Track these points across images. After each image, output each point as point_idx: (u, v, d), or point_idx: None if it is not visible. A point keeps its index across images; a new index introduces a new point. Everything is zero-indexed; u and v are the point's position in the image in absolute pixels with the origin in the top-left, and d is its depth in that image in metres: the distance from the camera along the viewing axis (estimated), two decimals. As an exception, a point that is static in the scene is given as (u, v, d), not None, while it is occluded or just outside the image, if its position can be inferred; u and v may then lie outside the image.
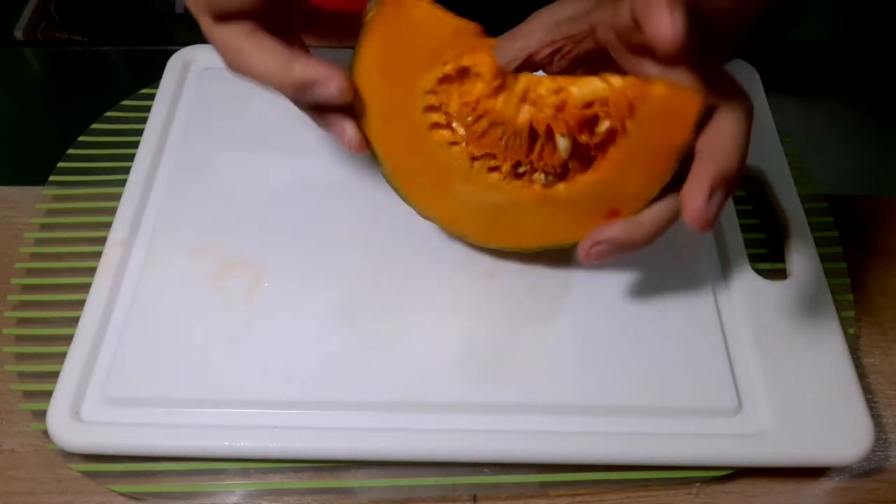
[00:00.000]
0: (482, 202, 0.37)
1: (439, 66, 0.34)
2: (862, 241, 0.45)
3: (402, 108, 0.35)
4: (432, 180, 0.37)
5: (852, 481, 0.37)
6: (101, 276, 0.41)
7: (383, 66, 0.35)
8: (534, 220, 0.37)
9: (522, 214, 0.37)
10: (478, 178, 0.36)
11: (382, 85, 0.35)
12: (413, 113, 0.35)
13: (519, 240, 0.38)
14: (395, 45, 0.34)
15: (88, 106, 0.51)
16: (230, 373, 0.37)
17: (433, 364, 0.37)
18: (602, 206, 0.35)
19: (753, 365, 0.38)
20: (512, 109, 0.34)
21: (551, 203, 0.36)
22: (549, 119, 0.34)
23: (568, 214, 0.36)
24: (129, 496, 0.36)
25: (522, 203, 0.36)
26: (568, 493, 0.36)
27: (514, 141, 0.35)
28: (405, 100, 0.35)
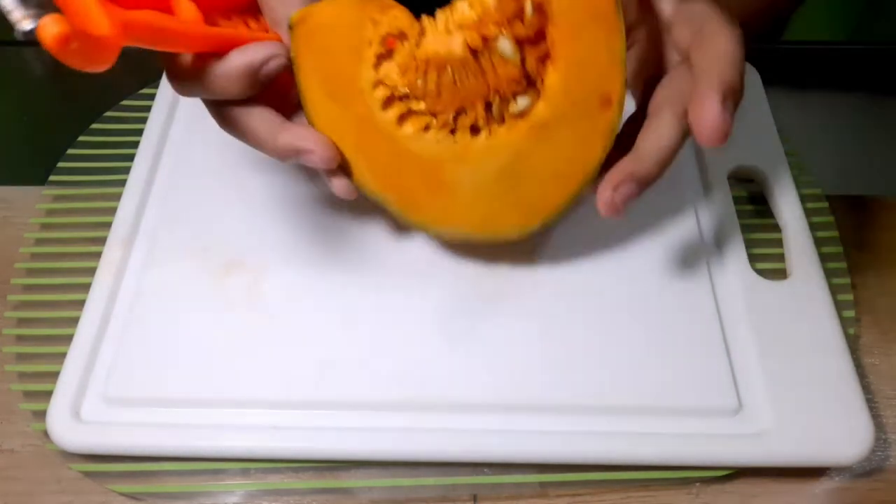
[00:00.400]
0: (488, 176, 0.35)
1: (367, 51, 0.34)
2: (862, 241, 0.45)
3: (365, 120, 0.34)
4: (433, 189, 0.36)
5: (852, 481, 0.37)
6: (101, 276, 0.41)
7: (327, 88, 0.34)
8: (546, 162, 0.35)
9: (532, 163, 0.35)
10: (468, 150, 0.35)
11: (338, 109, 0.34)
12: (377, 118, 0.34)
13: (549, 197, 0.36)
14: (323, 62, 0.34)
15: (88, 106, 0.51)
16: (230, 373, 0.37)
17: (433, 364, 0.37)
18: (591, 98, 0.33)
19: (753, 365, 0.38)
20: (444, 44, 0.33)
21: (548, 128, 0.34)
22: (477, 31, 0.33)
23: (571, 129, 0.34)
24: (129, 496, 0.36)
25: (522, 149, 0.34)
26: (568, 493, 0.36)
27: (468, 76, 0.33)
28: (363, 109, 0.34)
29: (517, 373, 0.37)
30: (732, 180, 0.45)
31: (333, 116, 0.34)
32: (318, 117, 0.34)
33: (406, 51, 0.34)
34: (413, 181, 0.36)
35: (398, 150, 0.35)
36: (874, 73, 0.57)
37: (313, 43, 0.33)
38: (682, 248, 0.42)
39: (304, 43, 0.33)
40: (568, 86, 0.33)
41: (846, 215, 0.45)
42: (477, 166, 0.35)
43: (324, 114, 0.34)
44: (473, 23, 0.33)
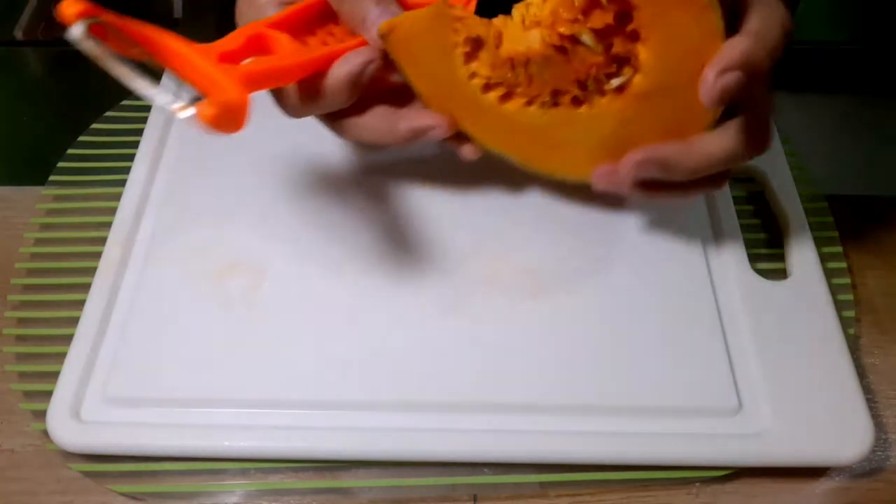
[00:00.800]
0: (597, 138, 0.36)
1: (455, 51, 0.35)
2: (862, 241, 0.45)
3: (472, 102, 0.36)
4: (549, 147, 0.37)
5: (852, 481, 0.37)
6: (101, 276, 0.41)
7: (431, 85, 0.36)
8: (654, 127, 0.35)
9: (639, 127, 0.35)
10: (574, 117, 0.36)
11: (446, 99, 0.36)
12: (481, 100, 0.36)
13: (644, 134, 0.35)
14: (420, 65, 0.36)
15: (88, 106, 0.51)
16: (230, 373, 0.37)
17: (433, 364, 0.37)
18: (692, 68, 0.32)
19: (753, 365, 0.38)
20: (522, 43, 0.34)
21: (650, 98, 0.34)
22: (551, 29, 0.33)
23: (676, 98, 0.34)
24: (129, 496, 0.36)
25: (627, 116, 0.35)
26: (568, 493, 0.36)
27: (554, 66, 0.34)
28: (468, 94, 0.36)
29: (517, 373, 0.37)
30: (732, 180, 0.45)
31: (445, 101, 0.36)
32: (434, 104, 0.36)
33: (489, 52, 0.35)
34: (529, 143, 0.37)
35: (509, 122, 0.37)
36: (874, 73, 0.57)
37: (406, 48, 0.35)
38: (682, 248, 0.42)
39: (399, 48, 0.35)
40: (664, 60, 0.33)
41: (846, 215, 0.45)
42: (586, 129, 0.36)
43: (437, 101, 0.36)
44: (547, 19, 0.33)
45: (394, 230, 0.42)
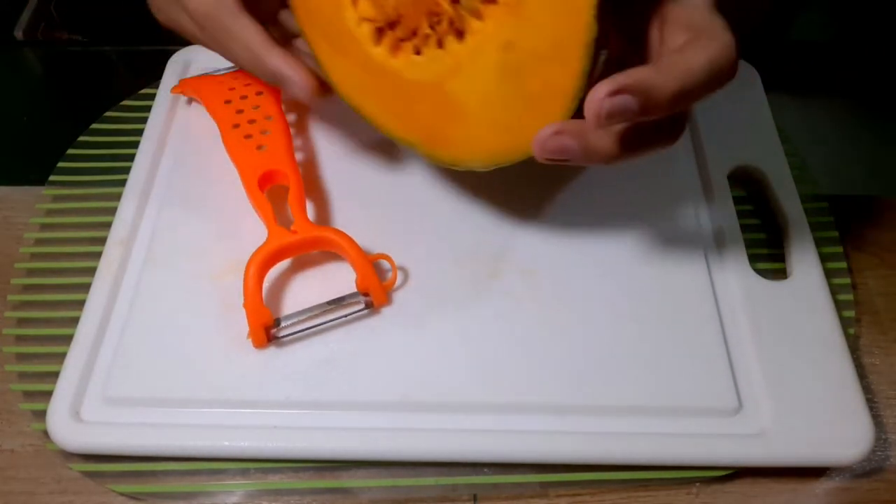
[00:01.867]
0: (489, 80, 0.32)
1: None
2: (862, 241, 0.45)
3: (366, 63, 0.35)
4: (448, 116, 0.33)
5: (852, 481, 0.37)
6: (101, 276, 0.41)
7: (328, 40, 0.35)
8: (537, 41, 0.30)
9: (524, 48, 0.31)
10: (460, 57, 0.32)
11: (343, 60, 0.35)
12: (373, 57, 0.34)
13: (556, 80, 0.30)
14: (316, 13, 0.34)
15: (88, 106, 0.51)
16: (230, 373, 0.37)
17: (433, 364, 0.37)
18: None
19: (753, 365, 0.38)
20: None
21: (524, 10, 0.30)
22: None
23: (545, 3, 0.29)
24: (129, 496, 0.36)
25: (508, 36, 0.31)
26: (568, 493, 0.36)
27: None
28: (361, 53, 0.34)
29: (517, 373, 0.37)
30: (732, 180, 0.45)
31: (342, 69, 0.35)
32: (334, 76, 0.35)
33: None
34: (427, 115, 0.34)
35: (401, 85, 0.34)
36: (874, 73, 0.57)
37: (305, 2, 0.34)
38: (681, 248, 0.42)
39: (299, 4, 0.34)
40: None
41: (846, 215, 0.45)
42: (474, 71, 0.32)
43: (336, 71, 0.35)
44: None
45: (394, 229, 0.42)
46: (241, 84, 0.46)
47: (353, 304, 0.39)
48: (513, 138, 0.33)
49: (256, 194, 0.40)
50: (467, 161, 0.35)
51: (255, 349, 0.38)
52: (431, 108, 0.34)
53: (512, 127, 0.32)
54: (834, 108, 0.56)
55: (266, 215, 0.39)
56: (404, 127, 0.35)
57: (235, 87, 0.46)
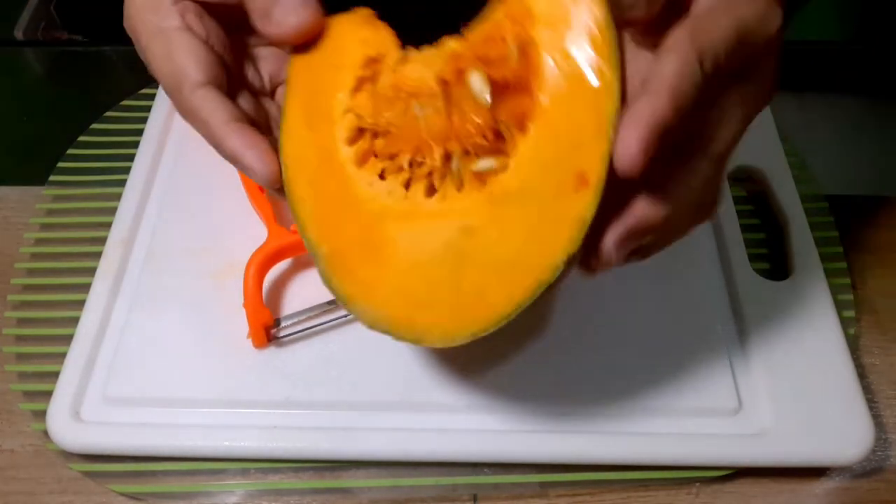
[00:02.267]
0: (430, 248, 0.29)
1: (349, 73, 0.31)
2: (862, 241, 0.45)
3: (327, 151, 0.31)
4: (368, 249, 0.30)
5: (852, 481, 0.37)
6: (101, 276, 0.41)
7: (306, 111, 0.31)
8: (498, 245, 0.28)
9: (481, 243, 0.29)
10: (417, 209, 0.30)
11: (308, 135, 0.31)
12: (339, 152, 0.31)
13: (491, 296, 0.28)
14: (310, 79, 0.31)
15: (88, 106, 0.51)
16: (230, 373, 0.37)
17: (433, 364, 0.37)
18: (564, 174, 0.27)
19: (753, 365, 0.38)
20: (418, 72, 0.30)
21: (508, 202, 0.28)
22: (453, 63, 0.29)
23: (535, 209, 0.28)
24: (129, 496, 0.36)
25: (475, 223, 0.29)
26: (568, 493, 0.36)
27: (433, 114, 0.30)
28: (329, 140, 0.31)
29: (517, 373, 0.37)
30: (732, 180, 0.45)
31: (302, 142, 0.31)
32: (288, 139, 0.32)
33: (384, 75, 0.31)
34: (351, 233, 0.31)
35: (347, 192, 0.31)
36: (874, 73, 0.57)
37: (306, 59, 0.32)
38: (681, 248, 0.42)
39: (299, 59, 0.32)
40: (540, 155, 0.28)
41: (846, 215, 0.45)
42: (422, 231, 0.30)
43: (295, 137, 0.31)
44: (452, 55, 0.30)
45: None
46: None
47: None
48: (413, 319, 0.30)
49: (256, 194, 0.40)
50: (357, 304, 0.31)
51: (255, 349, 0.38)
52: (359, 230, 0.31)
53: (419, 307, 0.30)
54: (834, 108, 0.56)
55: (266, 215, 0.39)
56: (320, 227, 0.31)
57: None
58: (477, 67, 0.29)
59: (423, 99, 0.30)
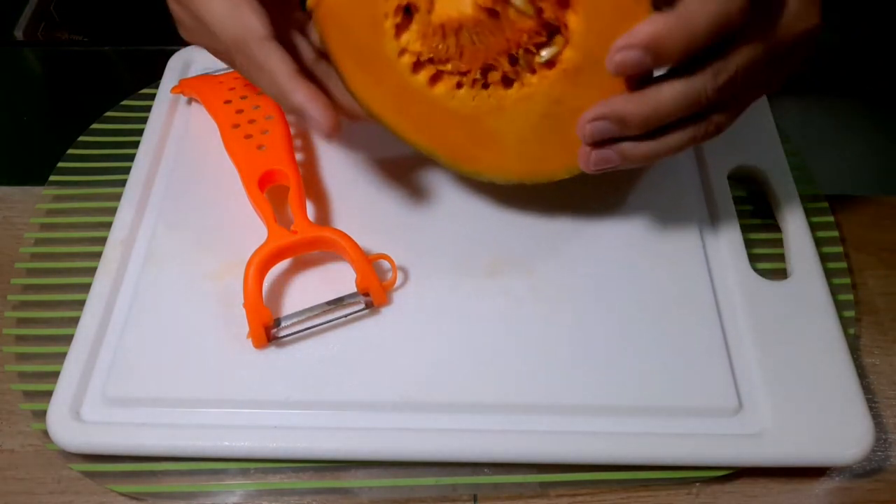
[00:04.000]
0: (529, 123, 0.35)
1: (385, 23, 0.34)
2: (862, 241, 0.45)
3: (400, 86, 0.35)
4: (478, 141, 0.36)
5: (852, 481, 0.37)
6: (101, 276, 0.41)
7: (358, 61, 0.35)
8: (585, 103, 0.33)
9: (571, 106, 0.34)
10: (504, 101, 0.35)
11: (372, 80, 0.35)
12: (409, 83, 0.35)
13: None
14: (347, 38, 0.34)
15: (88, 106, 0.51)
16: (230, 373, 0.37)
17: (433, 364, 0.37)
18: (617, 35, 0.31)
19: (753, 365, 0.38)
20: (454, 7, 0.33)
21: (581, 71, 0.33)
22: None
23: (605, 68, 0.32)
24: (129, 496, 0.36)
25: (558, 94, 0.34)
26: (568, 493, 0.36)
27: (485, 34, 0.34)
28: (396, 77, 0.35)
29: (517, 373, 0.37)
30: (732, 180, 0.45)
31: (370, 86, 0.35)
32: (356, 88, 0.36)
33: (421, 19, 0.34)
34: (458, 136, 0.36)
35: (437, 110, 0.36)
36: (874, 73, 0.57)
37: (334, 22, 0.34)
38: (681, 248, 0.42)
39: (326, 23, 0.34)
40: (592, 27, 0.32)
41: (846, 215, 0.45)
42: (516, 116, 0.35)
43: (361, 86, 0.35)
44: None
45: (393, 230, 0.42)
46: (241, 84, 0.46)
47: (352, 304, 0.39)
48: (539, 167, 0.37)
49: (256, 194, 0.40)
50: (490, 176, 0.38)
51: (255, 349, 0.38)
52: (465, 134, 0.36)
53: (541, 159, 0.37)
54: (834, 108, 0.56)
55: (266, 215, 0.39)
56: (431, 141, 0.37)
57: (235, 87, 0.46)
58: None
59: (468, 26, 0.34)
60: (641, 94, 0.32)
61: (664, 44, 0.29)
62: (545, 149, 0.36)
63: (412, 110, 0.36)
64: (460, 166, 0.38)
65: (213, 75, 0.48)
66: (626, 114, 0.32)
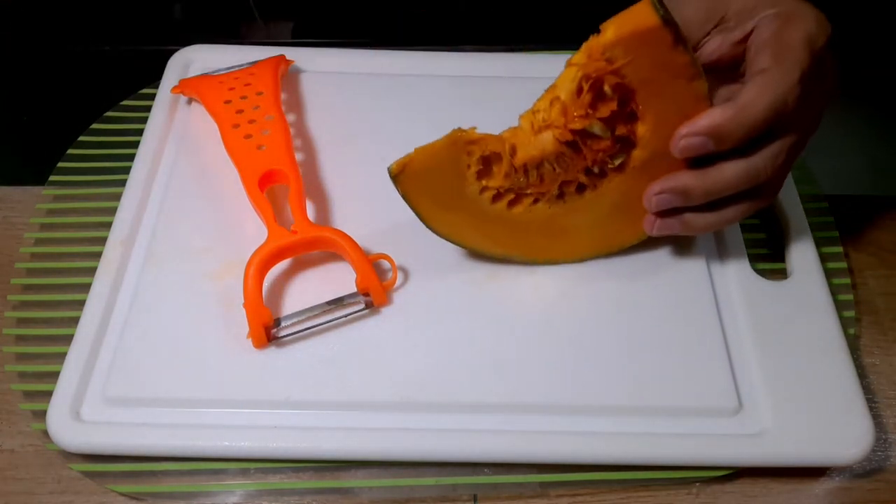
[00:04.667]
0: (601, 214, 0.39)
1: (468, 172, 0.37)
2: (862, 241, 0.45)
3: (479, 214, 0.38)
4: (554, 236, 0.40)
5: (852, 481, 0.37)
6: (101, 276, 0.41)
7: (440, 205, 0.38)
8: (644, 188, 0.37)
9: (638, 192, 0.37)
10: (578, 204, 0.39)
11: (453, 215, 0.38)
12: (489, 210, 0.38)
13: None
14: (431, 192, 0.38)
15: (88, 106, 0.51)
16: (230, 373, 0.37)
17: (433, 364, 0.37)
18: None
19: (753, 365, 0.38)
20: (536, 147, 0.37)
21: (646, 167, 0.37)
22: (564, 127, 0.36)
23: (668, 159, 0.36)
24: (129, 496, 0.36)
25: (627, 188, 0.38)
26: (568, 493, 0.36)
27: (565, 160, 0.37)
28: (476, 207, 0.38)
29: (517, 373, 0.37)
30: (732, 180, 0.45)
31: (451, 220, 0.39)
32: (437, 225, 0.39)
33: (504, 163, 0.37)
34: (534, 239, 0.40)
35: (515, 224, 0.39)
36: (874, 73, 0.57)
37: (416, 182, 0.37)
38: (682, 248, 0.42)
39: (408, 184, 0.37)
40: (658, 131, 0.35)
41: (846, 215, 0.45)
42: (589, 211, 0.39)
43: (442, 222, 0.39)
44: (558, 120, 0.36)
45: (393, 231, 0.42)
46: (241, 84, 0.46)
47: (353, 304, 0.39)
48: (609, 243, 0.41)
49: (256, 194, 0.40)
50: (564, 261, 0.41)
51: (255, 349, 0.38)
52: (541, 235, 0.40)
53: (611, 237, 0.40)
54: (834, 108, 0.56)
55: (266, 215, 0.39)
56: (508, 250, 0.40)
57: (235, 87, 0.46)
58: (588, 122, 0.35)
59: (549, 158, 0.37)
60: (705, 171, 0.35)
61: (724, 130, 0.33)
62: (616, 228, 0.40)
63: (491, 231, 0.39)
64: (535, 260, 0.41)
65: (213, 75, 0.48)
66: (689, 188, 0.35)
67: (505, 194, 0.38)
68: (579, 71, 0.34)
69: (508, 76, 0.50)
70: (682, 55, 0.33)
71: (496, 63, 0.51)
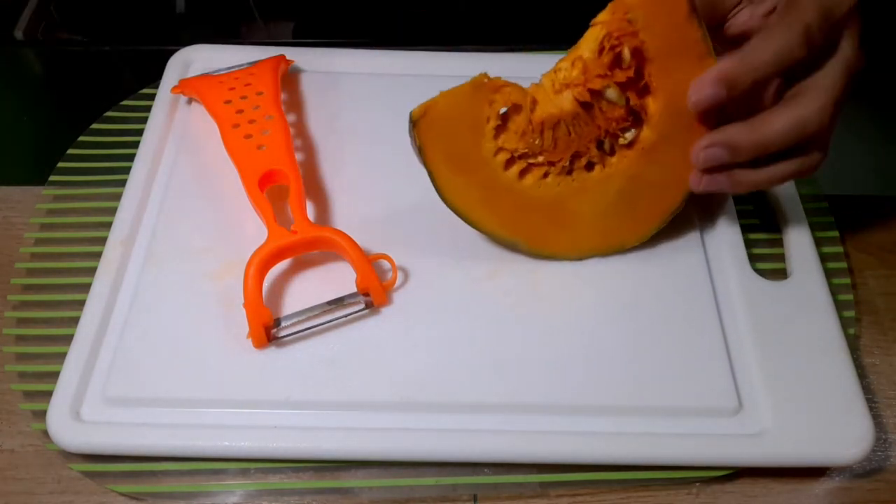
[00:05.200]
0: (606, 200, 0.39)
1: (486, 126, 0.38)
2: (862, 241, 0.45)
3: (489, 182, 0.38)
4: (558, 224, 0.40)
5: (852, 481, 0.37)
6: (101, 276, 0.41)
7: (452, 164, 0.38)
8: (656, 177, 0.39)
9: (644, 181, 0.39)
10: (586, 183, 0.39)
11: (463, 179, 0.38)
12: (500, 178, 0.38)
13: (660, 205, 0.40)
14: (447, 144, 0.37)
15: (88, 106, 0.51)
16: (230, 373, 0.37)
17: (433, 364, 0.37)
18: (690, 113, 0.36)
19: (753, 365, 0.38)
20: (555, 105, 0.37)
21: (655, 150, 0.38)
22: (583, 86, 0.37)
23: (675, 145, 0.37)
24: (129, 496, 0.36)
25: (635, 172, 0.38)
26: (568, 493, 0.36)
27: (580, 124, 0.38)
28: (487, 173, 0.38)
29: (517, 373, 0.37)
30: (732, 180, 0.45)
31: (460, 186, 0.38)
32: (446, 190, 0.38)
33: (521, 118, 0.38)
34: (540, 223, 0.40)
35: (523, 200, 0.39)
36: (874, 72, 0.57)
37: (436, 130, 0.37)
38: (682, 248, 0.42)
39: (428, 131, 0.37)
40: (668, 109, 0.37)
41: (846, 215, 0.45)
42: (596, 195, 0.39)
43: (451, 187, 0.38)
44: (578, 79, 0.37)
45: (393, 230, 0.42)
46: (241, 84, 0.46)
47: (353, 304, 0.39)
48: (611, 239, 0.41)
49: (256, 194, 0.40)
50: (565, 256, 0.41)
51: (255, 349, 0.38)
52: (547, 219, 0.40)
53: (614, 232, 0.41)
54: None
55: (266, 215, 0.39)
56: (514, 232, 0.40)
57: (235, 87, 0.46)
58: (606, 84, 0.36)
59: (566, 119, 0.38)
60: (752, 122, 0.35)
61: (732, 76, 0.34)
62: (619, 222, 0.40)
63: (499, 205, 0.39)
64: (540, 251, 0.41)
65: (213, 75, 0.48)
66: (738, 141, 0.35)
67: (518, 161, 0.38)
68: (602, 29, 0.36)
69: (508, 76, 0.50)
70: (696, 29, 0.35)
71: (496, 63, 0.51)
